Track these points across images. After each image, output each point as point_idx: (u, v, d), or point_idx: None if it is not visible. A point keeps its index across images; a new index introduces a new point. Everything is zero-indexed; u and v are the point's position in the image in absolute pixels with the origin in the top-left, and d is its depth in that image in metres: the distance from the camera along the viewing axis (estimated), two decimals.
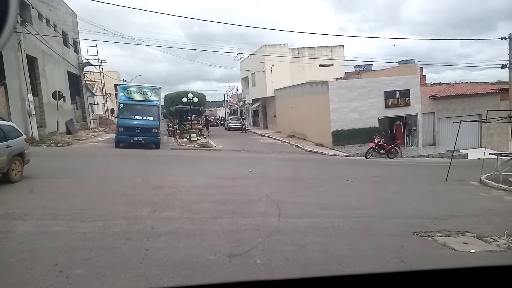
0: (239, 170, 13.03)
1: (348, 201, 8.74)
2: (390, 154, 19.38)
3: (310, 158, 18.65)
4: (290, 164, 15.20)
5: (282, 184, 10.47)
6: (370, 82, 22.71)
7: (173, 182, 10.08)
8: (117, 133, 18.74)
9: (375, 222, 7.15)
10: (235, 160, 16.42)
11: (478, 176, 13.31)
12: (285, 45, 33.07)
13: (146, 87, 20.22)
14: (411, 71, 23.37)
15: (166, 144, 21.42)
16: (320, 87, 23.48)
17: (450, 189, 10.94)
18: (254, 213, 7.37)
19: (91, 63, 32.44)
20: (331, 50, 35.74)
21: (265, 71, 33.50)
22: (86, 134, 26.45)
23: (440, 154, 21.19)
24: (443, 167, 17.28)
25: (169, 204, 7.83)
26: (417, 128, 23.32)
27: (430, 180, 12.66)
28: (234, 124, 39.22)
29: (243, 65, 41.44)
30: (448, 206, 8.74)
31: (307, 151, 21.52)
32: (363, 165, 16.71)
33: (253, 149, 21.35)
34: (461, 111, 23.84)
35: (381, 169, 15.15)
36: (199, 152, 19.05)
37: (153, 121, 19.11)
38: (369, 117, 22.44)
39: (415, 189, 10.72)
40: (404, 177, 12.96)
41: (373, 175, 12.95)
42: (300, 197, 8.93)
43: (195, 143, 21.11)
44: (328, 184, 10.92)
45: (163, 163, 13.95)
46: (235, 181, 10.64)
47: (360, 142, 22.18)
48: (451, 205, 8.86)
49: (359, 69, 39.12)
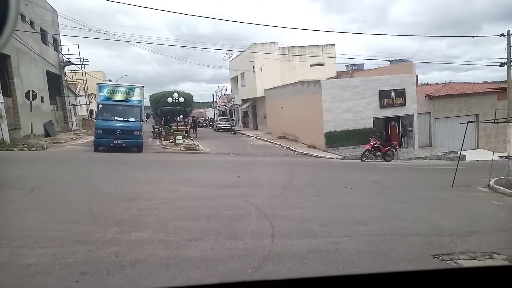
0: (227, 176, 11.84)
1: (351, 214, 7.63)
2: (386, 156, 18.40)
3: (303, 162, 17.55)
4: (282, 169, 14.07)
5: (275, 193, 9.31)
6: (364, 81, 21.72)
7: (150, 192, 8.86)
8: (95, 136, 17.38)
9: (386, 242, 6.04)
10: (223, 164, 15.21)
11: (484, 180, 12.38)
12: (275, 44, 31.99)
13: (127, 86, 18.91)
14: (406, 69, 22.45)
15: (149, 147, 20.13)
16: (312, 87, 22.42)
17: (460, 196, 9.92)
18: (242, 232, 6.21)
19: (72, 62, 30.91)
20: (322, 49, 34.78)
21: (255, 70, 32.36)
22: (66, 136, 24.98)
23: (437, 156, 20.29)
24: (443, 170, 16.37)
25: (142, 221, 6.62)
26: (412, 129, 22.42)
27: (434, 185, 11.64)
28: (223, 125, 38.00)
29: (232, 65, 40.29)
30: (464, 219, 7.69)
31: (299, 153, 20.43)
32: (359, 168, 15.67)
33: (243, 151, 20.17)
34: (458, 111, 23.01)
35: (380, 174, 14.11)
36: (185, 155, 17.78)
37: (135, 123, 17.81)
38: (363, 117, 21.46)
39: (422, 197, 9.67)
40: (406, 183, 11.92)
41: (372, 181, 11.89)
42: (296, 210, 7.79)
43: (181, 146, 19.85)
44: (326, 192, 9.81)
45: (143, 169, 12.69)
46: (221, 190, 9.45)
47: (354, 143, 21.21)
48: (467, 217, 7.82)
49: (350, 68, 38.31)
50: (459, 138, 23.42)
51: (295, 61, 34.02)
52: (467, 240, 6.29)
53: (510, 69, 20.25)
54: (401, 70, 22.85)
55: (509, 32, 19.84)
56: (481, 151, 22.75)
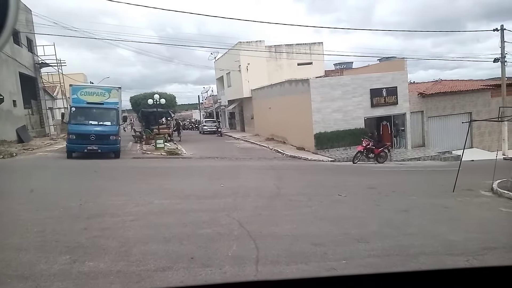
0: (209, 184, 10.77)
1: (347, 229, 6.64)
2: (379, 158, 17.55)
3: (293, 165, 16.57)
4: (270, 174, 13.05)
5: (261, 204, 8.29)
6: (355, 79, 20.87)
7: (119, 206, 7.75)
8: (68, 142, 16.13)
9: (393, 266, 5.06)
10: (205, 170, 14.12)
11: (485, 183, 11.60)
12: (261, 42, 31.00)
13: (103, 88, 17.71)
14: (397, 66, 21.67)
15: (128, 152, 18.92)
16: (300, 86, 21.49)
17: (464, 203, 9.03)
18: (221, 257, 5.18)
19: (49, 64, 29.45)
20: (310, 48, 33.93)
21: (241, 70, 31.33)
22: (41, 142, 23.57)
23: (431, 156, 19.53)
24: (440, 172, 15.56)
25: (101, 246, 5.53)
26: (405, 129, 21.64)
27: (434, 190, 10.77)
28: (209, 128, 36.86)
29: (218, 65, 39.21)
30: (475, 231, 6.77)
31: (288, 156, 19.45)
32: (352, 172, 14.77)
33: (228, 155, 19.11)
34: (451, 109, 22.33)
35: (374, 177, 13.21)
36: (165, 161, 16.62)
37: (111, 127, 16.61)
38: (354, 117, 20.60)
39: (424, 205, 8.75)
40: (403, 188, 11.01)
41: (367, 186, 10.95)
42: (285, 225, 6.78)
43: (162, 151, 18.68)
44: (318, 201, 8.82)
45: (116, 178, 11.54)
46: (201, 202, 8.39)
47: (345, 145, 20.34)
48: (477, 230, 6.90)
49: (339, 67, 37.57)
50: (453, 138, 22.80)
51: (283, 59, 33.13)
52: (484, 260, 5.36)
53: (504, 65, 19.62)
54: (392, 68, 22.07)
55: (503, 27, 19.22)
56: (475, 150, 22.09)
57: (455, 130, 22.70)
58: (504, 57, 19.45)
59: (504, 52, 19.38)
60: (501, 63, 19.70)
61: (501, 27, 19.30)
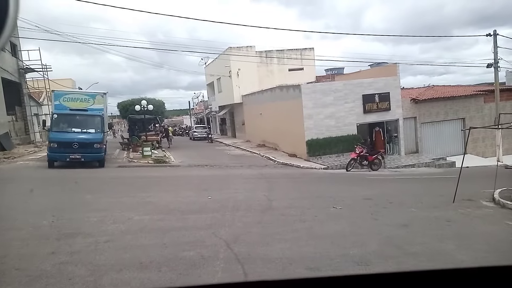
0: (196, 196, 10.12)
1: (345, 249, 6.05)
2: (373, 165, 17.07)
3: (284, 174, 15.99)
4: (261, 184, 12.45)
5: (251, 220, 7.68)
6: (347, 84, 20.43)
7: (95, 224, 7.08)
8: (49, 150, 15.35)
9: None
10: (193, 180, 13.45)
11: (485, 192, 11.17)
12: (252, 47, 30.51)
13: (87, 93, 17.02)
14: (389, 72, 21.30)
15: (114, 161, 18.16)
16: (291, 92, 21.00)
17: (467, 216, 8.52)
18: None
19: (34, 69, 28.59)
20: (301, 53, 33.55)
21: (231, 75, 30.79)
22: (25, 150, 22.71)
23: (426, 163, 19.10)
24: (436, 180, 15.10)
25: (68, 274, 4.86)
26: (398, 135, 21.23)
27: (433, 201, 10.26)
28: (199, 134, 36.18)
29: (208, 70, 38.67)
30: (484, 250, 6.24)
31: (279, 163, 18.88)
32: (346, 181, 14.24)
33: (218, 163, 18.47)
34: (444, 115, 22.00)
35: (369, 187, 12.68)
36: (151, 170, 15.92)
37: (95, 134, 15.88)
38: (346, 123, 20.15)
39: (425, 218, 8.22)
40: (400, 198, 10.48)
41: (363, 197, 10.41)
42: (276, 244, 6.17)
43: (149, 159, 17.96)
44: (311, 215, 8.24)
45: (97, 189, 10.84)
46: (185, 218, 7.75)
47: (337, 151, 19.86)
48: (486, 247, 6.36)
49: (330, 72, 37.21)
50: (446, 144, 22.45)
51: (273, 65, 32.68)
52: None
53: (497, 70, 19.35)
54: (384, 73, 21.70)
55: (495, 32, 18.96)
56: (469, 156, 21.68)
57: (449, 136, 22.39)
58: (497, 62, 19.19)
59: (497, 57, 19.13)
60: (494, 69, 19.43)
61: (494, 32, 19.06)
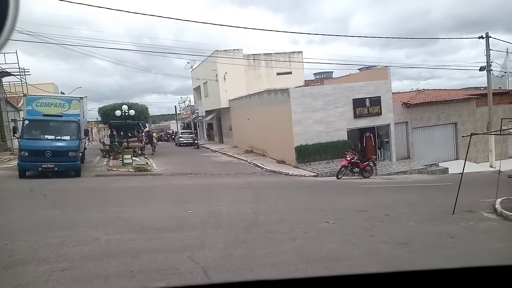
0: (175, 210, 9.25)
1: (341, 273, 5.25)
2: (365, 172, 16.40)
3: (272, 182, 15.19)
4: (247, 195, 11.62)
5: (234, 239, 6.85)
6: (337, 88, 19.79)
7: (54, 246, 6.17)
8: (19, 159, 14.29)
9: None
10: (174, 191, 12.54)
11: (484, 202, 10.57)
12: (239, 51, 29.75)
13: (62, 98, 16.07)
14: (380, 75, 20.73)
15: (92, 169, 17.14)
16: (280, 96, 20.28)
17: (470, 231, 7.83)
18: None
19: (10, 73, 27.30)
20: (289, 57, 32.91)
21: (218, 79, 29.97)
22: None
23: (418, 169, 18.50)
24: (431, 188, 14.46)
25: None
26: (389, 140, 20.64)
27: (431, 212, 9.55)
28: (185, 139, 35.16)
29: (195, 74, 37.78)
30: None
31: (267, 171, 18.09)
32: (337, 190, 13.50)
33: (203, 171, 17.58)
34: (436, 120, 21.51)
35: (362, 196, 11.96)
36: (131, 180, 14.95)
37: (70, 142, 14.89)
38: (336, 129, 19.48)
39: (425, 234, 7.48)
40: (397, 210, 9.76)
41: (356, 208, 9.67)
42: (262, 271, 5.34)
43: (129, 167, 16.99)
44: (302, 231, 7.44)
45: (67, 203, 9.88)
46: (160, 238, 6.88)
47: (327, 158, 19.16)
48: None
49: (319, 76, 36.64)
50: (438, 149, 21.94)
51: (261, 69, 31.95)
52: None
53: (489, 74, 18.94)
54: (374, 76, 21.13)
55: (488, 35, 18.56)
56: (461, 162, 21.21)
57: (441, 141, 21.91)
58: (490, 65, 18.78)
59: (490, 60, 18.73)
60: (486, 72, 19.01)
61: (486, 35, 18.65)
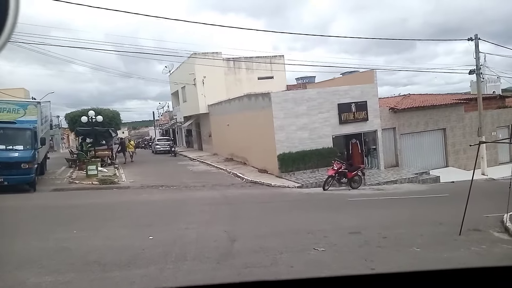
0: (132, 237, 7.68)
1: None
2: (353, 183, 15.19)
3: (253, 195, 13.78)
4: (223, 213, 10.17)
5: (200, 277, 5.41)
6: (321, 93, 18.62)
7: None
8: None
9: None
10: (138, 209, 10.94)
11: (489, 217, 9.45)
12: (218, 54, 28.37)
13: (16, 103, 14.29)
14: (366, 78, 19.66)
15: (52, 182, 15.36)
16: (261, 101, 18.97)
17: (484, 257, 6.59)
18: None
19: None
20: (271, 61, 31.72)
21: (196, 83, 28.48)
22: None
23: (408, 178, 17.41)
24: (427, 201, 13.19)
25: None
26: (377, 147, 19.56)
27: (434, 232, 8.31)
28: (162, 147, 33.44)
29: (172, 78, 36.20)
30: None
31: (248, 181, 16.68)
32: (325, 204, 12.19)
33: (177, 182, 16.03)
34: (424, 126, 20.58)
35: (354, 213, 10.66)
36: (92, 195, 13.26)
37: (24, 152, 13.15)
38: (321, 135, 18.28)
39: (435, 262, 6.18)
40: (395, 231, 8.47)
41: (349, 229, 8.35)
42: None
43: (94, 178, 15.30)
44: (286, 264, 6.04)
45: (4, 228, 8.19)
46: (104, 279, 5.37)
47: (312, 167, 17.92)
48: None
49: (301, 81, 35.59)
50: (427, 156, 20.94)
51: (242, 73, 30.67)
52: None
53: (479, 77, 18.11)
54: (360, 80, 20.05)
55: (477, 36, 17.75)
56: (451, 169, 20.39)
57: (429, 148, 20.98)
58: (479, 68, 17.96)
59: (479, 63, 17.92)
60: (476, 75, 18.19)
61: (475, 37, 17.83)
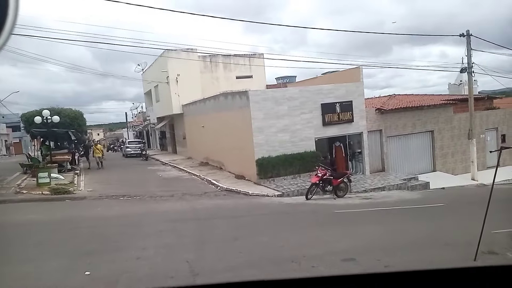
0: (63, 273, 5.88)
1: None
2: (338, 191, 13.73)
3: (227, 208, 12.10)
4: (188, 233, 8.46)
5: None
6: (304, 91, 17.13)
7: None
8: None
9: None
10: (84, 229, 9.03)
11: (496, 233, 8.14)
12: (193, 50, 26.57)
13: None
14: (351, 77, 18.31)
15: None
16: (238, 100, 17.35)
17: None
18: None
19: None
20: (250, 60, 30.19)
21: (169, 82, 26.61)
22: None
23: (397, 185, 16.10)
24: (422, 212, 11.68)
25: None
26: (362, 151, 18.23)
27: (443, 257, 6.86)
28: (132, 150, 31.30)
29: (146, 77, 34.19)
30: None
31: (223, 189, 15.01)
32: (309, 219, 10.63)
33: (142, 191, 14.20)
34: (412, 127, 19.39)
35: (343, 230, 9.10)
36: (37, 208, 11.27)
37: None
38: (303, 138, 16.82)
39: None
40: (395, 255, 7.00)
41: (341, 254, 6.82)
42: None
43: (45, 188, 13.31)
44: None
45: None
46: None
47: (293, 172, 16.45)
48: None
49: (282, 81, 34.25)
50: (414, 160, 19.67)
51: (219, 72, 29.00)
52: None
53: (471, 76, 17.07)
54: (344, 78, 18.69)
55: (469, 33, 16.70)
56: (439, 174, 19.28)
57: (417, 151, 19.83)
58: (471, 66, 16.92)
59: (471, 61, 16.86)
60: (468, 74, 17.14)
61: (467, 33, 16.79)
